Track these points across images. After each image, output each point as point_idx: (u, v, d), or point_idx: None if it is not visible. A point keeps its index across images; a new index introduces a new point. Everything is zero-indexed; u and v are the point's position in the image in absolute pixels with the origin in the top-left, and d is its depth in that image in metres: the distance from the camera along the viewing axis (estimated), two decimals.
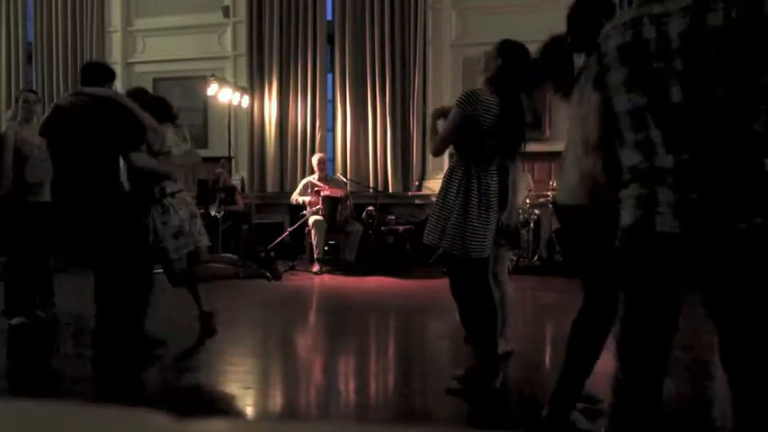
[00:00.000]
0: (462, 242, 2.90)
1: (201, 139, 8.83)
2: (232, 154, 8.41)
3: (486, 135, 2.88)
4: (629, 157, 1.63)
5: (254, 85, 8.64)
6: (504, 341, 3.55)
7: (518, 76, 2.93)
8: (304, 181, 7.66)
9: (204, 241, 3.99)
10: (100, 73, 3.62)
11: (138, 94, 3.88)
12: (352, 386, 3.41)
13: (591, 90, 1.78)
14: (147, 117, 3.53)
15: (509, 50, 2.96)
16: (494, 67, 2.95)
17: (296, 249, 7.57)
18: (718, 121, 1.46)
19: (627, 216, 1.62)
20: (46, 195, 4.34)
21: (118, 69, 9.20)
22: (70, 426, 0.51)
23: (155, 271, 3.93)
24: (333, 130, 8.54)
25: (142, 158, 3.58)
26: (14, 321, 4.40)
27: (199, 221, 3.97)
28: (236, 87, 8.24)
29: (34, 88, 9.17)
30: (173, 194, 3.80)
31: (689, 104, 1.49)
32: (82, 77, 3.61)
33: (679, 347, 1.97)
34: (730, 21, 1.41)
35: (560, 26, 2.44)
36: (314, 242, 7.12)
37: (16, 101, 4.63)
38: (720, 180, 1.45)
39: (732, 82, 1.44)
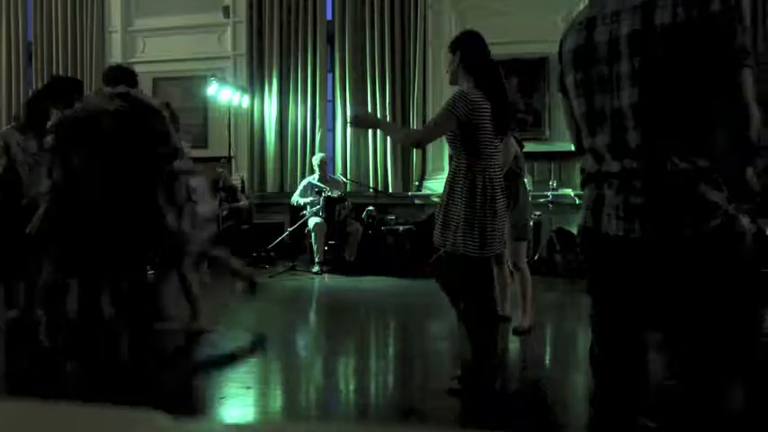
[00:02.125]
0: (473, 240, 2.91)
1: (201, 139, 8.83)
2: (232, 154, 8.40)
3: (484, 128, 2.95)
4: (585, 160, 1.62)
5: (254, 85, 8.64)
6: (528, 317, 4.21)
7: (481, 59, 3.03)
8: (304, 182, 7.66)
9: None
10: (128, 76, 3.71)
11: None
12: (352, 386, 3.41)
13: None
14: None
15: (462, 42, 3.07)
16: (457, 60, 3.03)
17: (296, 249, 7.57)
18: (666, 125, 1.42)
19: (580, 217, 1.63)
20: None
21: None
22: (70, 426, 0.51)
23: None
24: (333, 130, 8.54)
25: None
26: (10, 315, 4.42)
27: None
28: (236, 87, 8.24)
29: (34, 88, 9.18)
30: None
31: (635, 108, 1.45)
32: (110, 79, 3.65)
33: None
34: (677, 18, 1.37)
35: (559, 28, 2.45)
36: (314, 246, 7.14)
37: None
38: (666, 186, 1.41)
39: (681, 83, 1.40)
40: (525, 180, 4.53)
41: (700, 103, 1.40)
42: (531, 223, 6.62)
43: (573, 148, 1.76)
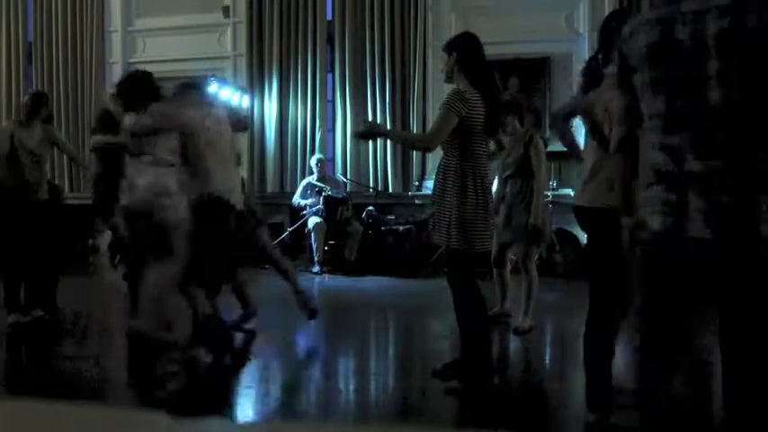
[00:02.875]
0: (465, 236, 2.93)
1: None
2: None
3: (476, 127, 2.98)
4: (655, 159, 1.58)
5: (254, 85, 8.63)
6: (528, 318, 4.20)
7: (476, 60, 3.08)
8: (304, 182, 7.67)
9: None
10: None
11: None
12: (352, 386, 3.41)
13: (615, 91, 1.75)
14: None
15: (457, 44, 3.15)
16: (453, 61, 3.10)
17: (296, 249, 7.57)
18: (751, 126, 1.43)
19: (655, 221, 1.57)
20: (43, 194, 4.51)
21: (118, 69, 9.21)
22: (70, 426, 0.51)
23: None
24: (333, 130, 8.53)
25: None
26: (11, 319, 4.41)
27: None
28: (236, 87, 8.24)
29: (34, 88, 9.18)
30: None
31: (723, 109, 1.45)
32: None
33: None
34: (765, 21, 1.37)
35: (559, 28, 2.46)
36: (314, 246, 7.13)
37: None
38: (753, 185, 1.42)
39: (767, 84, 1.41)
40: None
41: None
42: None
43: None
